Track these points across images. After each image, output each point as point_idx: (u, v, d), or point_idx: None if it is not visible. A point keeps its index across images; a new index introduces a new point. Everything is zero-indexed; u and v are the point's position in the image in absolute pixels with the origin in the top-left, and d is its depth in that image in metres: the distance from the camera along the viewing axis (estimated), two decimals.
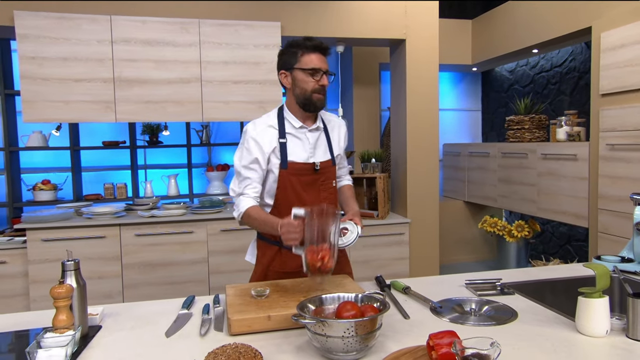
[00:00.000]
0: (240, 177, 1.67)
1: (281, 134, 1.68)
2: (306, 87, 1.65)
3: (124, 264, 3.14)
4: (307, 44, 1.65)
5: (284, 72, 1.69)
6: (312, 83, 1.64)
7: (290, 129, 1.70)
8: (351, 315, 1.08)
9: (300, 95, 1.67)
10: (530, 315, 1.35)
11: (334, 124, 1.85)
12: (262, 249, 1.81)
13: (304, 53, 1.64)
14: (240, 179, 1.67)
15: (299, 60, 1.65)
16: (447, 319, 1.33)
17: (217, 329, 1.29)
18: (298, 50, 1.65)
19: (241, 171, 1.66)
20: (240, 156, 1.68)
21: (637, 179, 2.80)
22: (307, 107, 1.68)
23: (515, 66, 5.05)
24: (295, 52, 1.66)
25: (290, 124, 1.71)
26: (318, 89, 1.65)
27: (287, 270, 1.73)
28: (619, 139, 2.94)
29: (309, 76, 1.64)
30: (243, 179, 1.66)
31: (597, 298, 1.18)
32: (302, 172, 1.69)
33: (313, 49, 1.65)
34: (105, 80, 3.12)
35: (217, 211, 3.36)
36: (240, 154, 1.68)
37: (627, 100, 2.91)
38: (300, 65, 1.64)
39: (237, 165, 1.68)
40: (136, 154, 4.24)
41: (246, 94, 3.35)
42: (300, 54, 1.65)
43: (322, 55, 1.66)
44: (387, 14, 3.60)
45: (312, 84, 1.64)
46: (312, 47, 1.65)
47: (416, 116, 3.73)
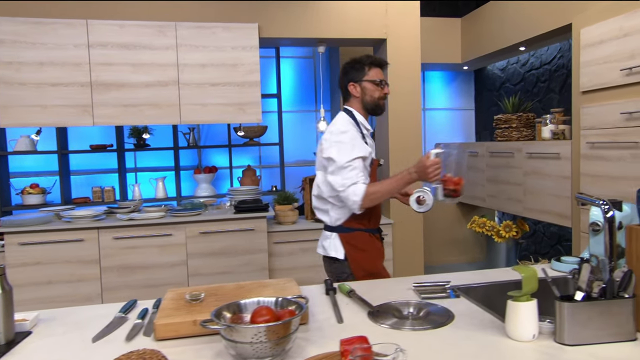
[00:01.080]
0: (347, 170, 1.85)
1: (362, 136, 1.99)
2: (375, 95, 2.00)
3: (103, 267, 3.16)
4: (372, 59, 2.01)
5: (353, 83, 2.01)
6: (379, 92, 2.00)
7: (364, 131, 2.02)
8: (264, 320, 1.07)
9: (370, 103, 2.01)
10: (466, 319, 1.32)
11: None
12: (356, 238, 1.98)
13: (371, 67, 2.00)
14: (347, 171, 1.85)
15: (366, 74, 2.00)
16: (382, 323, 1.31)
17: (146, 334, 1.28)
18: (365, 65, 2.00)
19: (349, 164, 1.85)
20: (344, 152, 1.87)
21: (616, 177, 2.74)
22: (375, 111, 2.03)
23: (506, 64, 4.98)
24: (362, 67, 2.00)
25: (364, 127, 2.02)
26: (383, 96, 2.02)
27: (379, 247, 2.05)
28: (598, 137, 2.88)
29: (377, 86, 1.99)
30: (351, 170, 1.85)
31: (524, 302, 1.15)
32: (374, 167, 2.03)
33: (377, 64, 2.02)
34: (82, 85, 3.14)
35: (196, 213, 3.36)
36: (346, 149, 1.87)
37: (606, 97, 2.85)
38: (368, 77, 2.00)
39: (341, 160, 1.86)
40: (124, 157, 4.27)
41: (224, 96, 3.35)
42: (368, 68, 2.00)
43: (384, 70, 2.05)
44: (368, 14, 3.58)
45: (379, 93, 2.00)
46: (377, 63, 2.02)
47: (399, 116, 3.70)
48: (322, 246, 2.09)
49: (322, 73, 4.80)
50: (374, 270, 1.96)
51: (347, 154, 1.86)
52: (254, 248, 3.36)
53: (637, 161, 2.58)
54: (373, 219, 2.02)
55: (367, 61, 2.00)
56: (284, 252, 3.52)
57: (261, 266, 3.38)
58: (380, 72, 2.03)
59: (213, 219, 3.30)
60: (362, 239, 1.98)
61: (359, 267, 1.96)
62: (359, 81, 2.00)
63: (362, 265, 1.96)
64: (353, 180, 1.84)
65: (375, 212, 2.03)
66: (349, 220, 1.97)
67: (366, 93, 1.99)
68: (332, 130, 1.93)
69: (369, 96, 1.99)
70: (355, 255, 1.97)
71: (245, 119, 3.43)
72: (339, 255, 1.98)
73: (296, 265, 3.54)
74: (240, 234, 3.34)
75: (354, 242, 1.97)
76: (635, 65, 2.57)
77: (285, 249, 3.52)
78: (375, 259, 2.01)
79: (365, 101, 2.01)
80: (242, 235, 3.34)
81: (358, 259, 1.97)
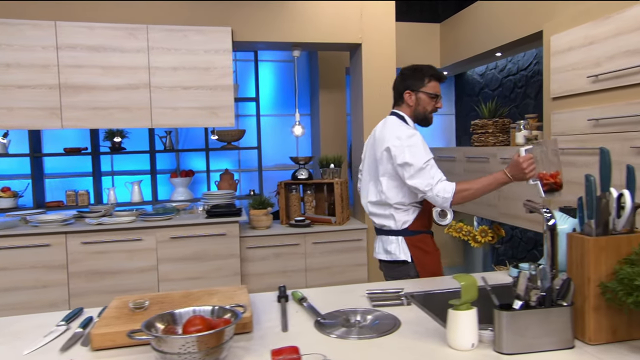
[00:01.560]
0: (427, 169, 1.87)
1: None
2: (427, 108, 2.04)
3: (71, 272, 3.11)
4: (432, 72, 2.04)
5: (410, 92, 2.04)
6: (431, 105, 2.04)
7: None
8: (195, 330, 1.04)
9: (421, 113, 2.05)
10: (412, 327, 1.31)
11: None
12: (423, 241, 2.02)
13: (431, 80, 2.02)
14: (428, 170, 1.87)
15: (425, 85, 2.02)
16: (327, 331, 1.29)
17: (84, 344, 1.25)
18: (425, 76, 2.02)
19: (427, 164, 1.87)
20: (419, 154, 1.89)
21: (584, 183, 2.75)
22: (423, 123, 2.08)
23: (485, 69, 5.01)
24: (422, 77, 2.03)
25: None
26: (434, 110, 2.06)
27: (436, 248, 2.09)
28: (567, 143, 2.89)
29: (431, 99, 2.03)
30: (431, 169, 1.87)
31: (464, 310, 1.13)
32: None
33: (437, 78, 2.04)
34: (50, 87, 3.09)
35: (167, 218, 3.32)
36: (419, 152, 1.89)
37: (575, 104, 2.87)
38: (425, 89, 2.02)
39: (419, 163, 1.87)
40: (99, 160, 4.22)
41: (196, 99, 3.32)
42: (427, 80, 2.02)
43: (441, 84, 2.06)
44: (342, 18, 3.58)
45: (431, 106, 2.04)
46: (437, 77, 2.04)
47: (373, 121, 3.67)
48: (385, 251, 2.08)
49: (299, 77, 4.80)
50: (438, 270, 2.03)
51: (422, 155, 1.89)
52: (225, 253, 3.33)
53: None
54: (430, 220, 2.09)
55: (428, 73, 2.03)
56: (256, 257, 3.49)
57: (233, 271, 3.35)
58: (438, 86, 2.05)
59: (184, 223, 3.26)
60: (426, 240, 2.05)
61: (424, 269, 2.01)
62: (416, 91, 2.03)
63: (427, 266, 2.02)
64: (438, 178, 1.86)
65: (430, 212, 2.08)
66: (414, 222, 2.02)
67: (420, 103, 2.03)
68: (400, 136, 1.93)
69: (422, 107, 2.03)
70: (421, 257, 2.02)
71: (218, 122, 3.40)
72: (407, 258, 2.01)
73: (269, 270, 3.51)
74: (212, 238, 3.30)
75: (420, 245, 2.02)
76: (600, 73, 2.59)
77: (258, 254, 3.49)
78: (438, 260, 2.07)
79: (417, 111, 2.05)
80: (214, 240, 3.31)
81: (424, 260, 2.02)
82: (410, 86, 2.04)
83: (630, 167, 1.25)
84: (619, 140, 2.50)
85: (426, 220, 2.05)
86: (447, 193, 1.82)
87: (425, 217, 2.05)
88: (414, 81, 2.04)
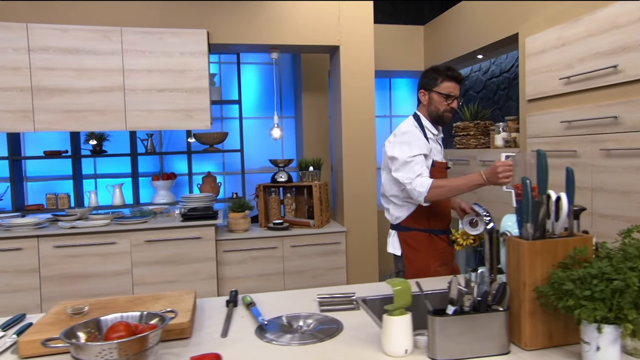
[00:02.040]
0: (411, 164, 1.93)
1: (426, 139, 2.06)
2: (439, 107, 2.07)
3: (42, 276, 3.08)
4: (447, 72, 2.06)
5: (423, 91, 2.11)
6: (444, 105, 2.06)
7: (430, 135, 2.09)
8: (117, 337, 1.02)
9: (433, 113, 2.09)
10: (354, 332, 1.28)
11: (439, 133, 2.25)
12: (413, 238, 2.06)
13: (444, 80, 2.05)
14: (411, 165, 1.93)
15: (438, 85, 2.05)
16: (266, 337, 1.27)
17: (14, 352, 1.22)
18: (439, 76, 2.06)
19: (413, 159, 1.93)
20: (406, 149, 1.96)
21: (557, 186, 2.73)
22: (438, 122, 2.11)
23: (469, 72, 5.00)
24: (436, 77, 2.07)
25: (429, 131, 2.10)
26: (448, 109, 2.07)
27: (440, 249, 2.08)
28: (542, 146, 2.87)
29: (443, 99, 2.05)
30: (415, 164, 1.92)
31: (397, 316, 1.11)
32: (441, 169, 2.11)
33: (451, 79, 2.05)
34: (22, 90, 3.07)
35: (142, 221, 3.29)
36: (407, 148, 1.96)
37: (548, 106, 2.85)
38: (438, 89, 2.06)
39: (403, 157, 1.95)
40: (79, 163, 4.19)
41: (171, 102, 3.30)
42: (440, 80, 2.05)
43: (458, 84, 2.07)
44: (320, 21, 3.56)
45: (444, 106, 2.06)
46: (451, 77, 2.05)
47: (352, 124, 3.67)
48: (388, 242, 2.20)
49: (284, 79, 4.78)
50: (426, 270, 2.03)
51: (409, 150, 1.95)
52: (201, 256, 3.30)
53: (576, 170, 2.56)
54: (433, 220, 2.08)
55: (443, 73, 2.06)
56: (234, 261, 3.46)
57: (209, 275, 3.32)
58: (454, 86, 2.06)
59: (159, 226, 3.23)
60: (419, 238, 2.06)
61: (411, 266, 2.06)
62: (429, 90, 2.08)
63: (414, 264, 2.05)
64: (418, 173, 1.91)
65: (436, 212, 2.08)
66: (407, 219, 2.07)
67: (432, 103, 2.07)
68: (396, 133, 2.06)
69: (434, 107, 2.07)
70: (410, 253, 2.06)
71: (194, 125, 3.38)
72: (396, 252, 2.11)
73: (246, 273, 3.48)
74: (187, 242, 3.28)
75: (410, 241, 2.07)
76: (572, 75, 2.58)
77: (235, 257, 3.46)
78: (429, 260, 2.05)
79: (430, 110, 2.09)
80: (189, 243, 3.28)
81: (411, 257, 2.06)
82: (424, 85, 2.11)
83: (569, 170, 1.23)
84: (590, 142, 2.48)
85: (424, 219, 2.07)
86: (422, 188, 1.87)
87: (423, 217, 2.06)
88: (429, 80, 2.09)
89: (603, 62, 2.38)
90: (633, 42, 2.20)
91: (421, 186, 1.88)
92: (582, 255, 1.08)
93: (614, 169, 2.32)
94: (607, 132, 2.36)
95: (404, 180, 1.93)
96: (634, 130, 2.20)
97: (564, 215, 1.14)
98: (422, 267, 2.02)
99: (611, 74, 2.33)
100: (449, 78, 2.05)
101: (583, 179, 2.53)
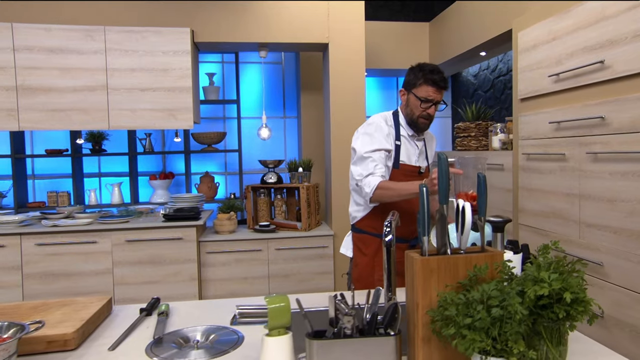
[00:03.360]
0: (367, 161, 1.82)
1: (397, 136, 1.93)
2: (414, 111, 1.92)
3: (25, 273, 3.11)
4: (430, 75, 1.87)
5: (403, 89, 1.97)
6: (420, 110, 1.90)
7: (404, 133, 1.96)
8: None
9: (408, 115, 1.96)
10: (248, 351, 1.18)
11: (428, 136, 2.13)
12: (363, 241, 1.97)
13: (424, 84, 1.88)
14: (367, 162, 1.82)
15: (417, 87, 1.89)
16: (155, 352, 1.18)
17: None
18: (421, 77, 1.89)
19: (368, 155, 1.82)
20: (366, 143, 1.86)
21: (547, 191, 2.53)
22: (412, 127, 1.96)
23: (478, 70, 4.78)
24: (418, 77, 1.90)
25: (404, 130, 1.97)
26: (424, 115, 1.92)
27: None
28: (533, 148, 2.67)
29: (420, 103, 1.89)
30: (370, 161, 1.82)
31: (274, 337, 1.00)
32: (409, 173, 1.95)
33: (433, 83, 1.87)
34: (7, 89, 3.11)
35: (123, 221, 3.28)
36: (368, 140, 1.86)
37: (539, 105, 2.64)
38: (416, 91, 1.90)
39: (361, 150, 1.85)
40: (80, 161, 4.24)
41: (154, 101, 3.28)
42: (421, 82, 1.89)
43: (440, 89, 1.89)
44: (308, 17, 3.46)
45: (419, 111, 1.91)
46: (432, 81, 1.87)
47: (341, 124, 3.55)
48: (343, 242, 2.13)
49: (287, 78, 4.69)
50: (369, 278, 1.92)
51: (369, 144, 1.85)
52: (182, 257, 3.26)
53: (564, 174, 2.38)
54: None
55: (427, 74, 1.89)
56: (217, 263, 3.41)
57: (190, 276, 3.28)
58: (435, 91, 1.89)
59: (139, 227, 3.21)
60: (370, 243, 1.96)
61: (356, 270, 1.97)
62: (409, 91, 1.95)
63: (359, 269, 1.96)
64: (370, 171, 1.80)
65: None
66: (363, 220, 1.97)
67: (408, 105, 1.95)
68: (363, 124, 1.96)
69: (410, 109, 1.95)
70: (358, 258, 1.97)
71: (176, 125, 3.34)
72: (347, 252, 2.03)
73: (230, 276, 3.42)
74: (169, 242, 3.24)
75: (360, 245, 1.98)
76: (561, 71, 2.38)
77: (219, 259, 3.41)
78: (374, 268, 1.94)
79: (407, 112, 1.97)
80: (171, 244, 3.25)
81: (358, 262, 1.97)
82: (405, 84, 1.97)
83: (480, 176, 1.08)
84: (577, 145, 2.27)
85: (379, 223, 1.93)
86: (369, 187, 1.78)
87: (379, 220, 1.93)
88: (410, 79, 1.95)
89: (591, 57, 2.17)
90: (621, 34, 2.00)
91: (368, 185, 1.78)
92: (482, 274, 0.94)
93: (601, 174, 2.12)
94: (594, 134, 2.15)
95: (356, 176, 1.84)
96: (621, 132, 2.00)
97: (468, 228, 1.00)
98: (365, 274, 1.90)
99: (598, 70, 2.12)
100: (430, 82, 1.88)
101: (571, 185, 2.33)
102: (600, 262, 2.11)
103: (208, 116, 4.46)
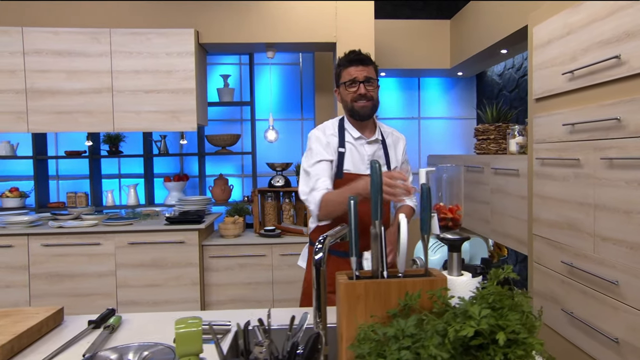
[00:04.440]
0: (310, 176, 1.73)
1: (340, 143, 1.79)
2: (347, 99, 1.79)
3: (32, 273, 3.16)
4: (343, 59, 1.80)
5: (336, 89, 1.87)
6: (350, 94, 1.77)
7: (349, 139, 1.81)
8: None
9: (345, 108, 1.83)
10: None
11: (393, 138, 1.93)
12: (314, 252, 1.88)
13: (343, 69, 1.80)
14: (309, 177, 1.73)
15: (341, 76, 1.81)
16: None
17: None
18: (340, 67, 1.81)
19: (310, 170, 1.73)
20: (307, 157, 1.78)
21: (562, 200, 2.31)
22: (354, 116, 1.80)
23: (503, 69, 4.53)
24: (339, 70, 1.82)
25: (349, 135, 1.82)
26: (356, 97, 1.77)
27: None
28: (547, 152, 2.45)
29: (349, 88, 1.77)
30: (312, 175, 1.71)
31: None
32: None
33: (349, 63, 1.77)
34: (17, 92, 3.17)
35: (127, 223, 3.28)
36: (308, 154, 1.77)
37: (553, 106, 2.42)
38: (342, 80, 1.80)
39: (304, 165, 1.77)
40: (98, 163, 4.30)
41: (158, 103, 3.26)
42: (341, 70, 1.81)
43: (359, 65, 1.76)
44: (315, 17, 3.35)
45: (350, 95, 1.77)
46: (347, 61, 1.78)
47: None
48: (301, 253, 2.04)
49: (304, 80, 4.60)
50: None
51: (310, 158, 1.76)
52: (184, 261, 3.23)
53: (579, 182, 2.16)
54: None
55: (341, 61, 1.81)
56: (220, 267, 3.35)
57: (192, 281, 3.24)
58: (356, 69, 1.77)
59: (142, 229, 3.20)
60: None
61: (305, 283, 1.85)
62: (339, 86, 1.85)
63: (308, 282, 1.84)
64: (311, 187, 1.69)
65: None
66: (314, 232, 1.85)
67: (343, 98, 1.83)
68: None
69: (344, 101, 1.82)
70: (308, 271, 1.86)
71: (180, 127, 3.31)
72: (302, 264, 1.94)
73: (233, 281, 3.36)
74: (171, 246, 3.21)
75: (311, 258, 1.87)
76: (575, 68, 2.16)
77: (222, 263, 3.35)
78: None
79: (345, 107, 1.85)
80: (172, 247, 3.22)
81: (307, 276, 1.85)
82: (336, 84, 1.88)
83: (424, 188, 0.94)
84: (592, 149, 2.06)
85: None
86: (313, 204, 1.65)
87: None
88: (336, 77, 1.86)
89: (606, 52, 1.95)
90: (638, 26, 1.78)
91: (312, 202, 1.65)
92: (412, 303, 0.80)
93: (617, 182, 1.90)
94: (609, 137, 1.94)
95: (302, 195, 1.71)
96: (637, 136, 1.77)
97: (403, 248, 0.86)
98: (308, 287, 1.77)
99: (614, 66, 1.91)
100: (347, 63, 1.77)
101: (585, 194, 2.11)
102: (615, 281, 1.89)
103: (224, 118, 4.43)
